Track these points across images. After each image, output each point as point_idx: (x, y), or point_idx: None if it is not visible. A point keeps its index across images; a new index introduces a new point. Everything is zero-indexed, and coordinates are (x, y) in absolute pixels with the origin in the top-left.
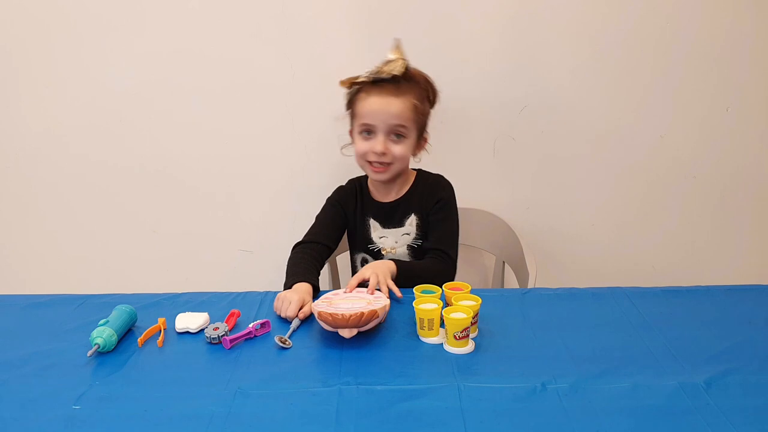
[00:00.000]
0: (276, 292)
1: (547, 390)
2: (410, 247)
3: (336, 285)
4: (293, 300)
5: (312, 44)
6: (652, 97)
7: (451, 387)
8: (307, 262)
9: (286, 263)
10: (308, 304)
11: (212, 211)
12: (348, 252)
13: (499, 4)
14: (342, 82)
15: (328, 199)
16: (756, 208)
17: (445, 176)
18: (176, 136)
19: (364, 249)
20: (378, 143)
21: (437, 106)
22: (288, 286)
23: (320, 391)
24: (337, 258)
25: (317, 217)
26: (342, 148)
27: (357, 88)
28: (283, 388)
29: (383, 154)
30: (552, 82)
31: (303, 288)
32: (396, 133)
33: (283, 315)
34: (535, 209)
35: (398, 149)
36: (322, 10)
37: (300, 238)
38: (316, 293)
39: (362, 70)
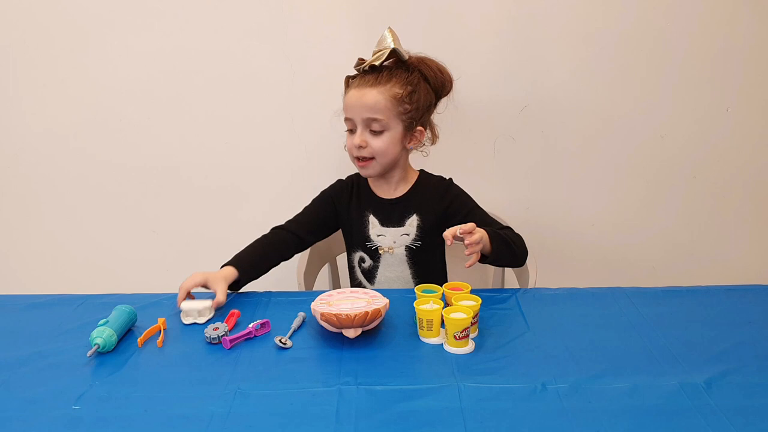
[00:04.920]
0: (277, 292)
1: (547, 390)
2: (408, 248)
3: (336, 285)
4: (196, 280)
5: (312, 44)
6: (652, 97)
7: (451, 387)
8: (261, 249)
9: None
10: (219, 292)
11: (212, 211)
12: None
13: (499, 4)
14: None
15: (322, 192)
16: (756, 208)
17: (445, 176)
18: (176, 136)
19: (362, 247)
20: (356, 137)
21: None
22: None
23: (320, 391)
24: (337, 258)
25: (305, 207)
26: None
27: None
28: (283, 388)
29: (361, 147)
30: (552, 82)
31: (221, 272)
32: (372, 127)
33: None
34: (535, 209)
35: (378, 143)
36: (322, 10)
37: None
38: (244, 280)
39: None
